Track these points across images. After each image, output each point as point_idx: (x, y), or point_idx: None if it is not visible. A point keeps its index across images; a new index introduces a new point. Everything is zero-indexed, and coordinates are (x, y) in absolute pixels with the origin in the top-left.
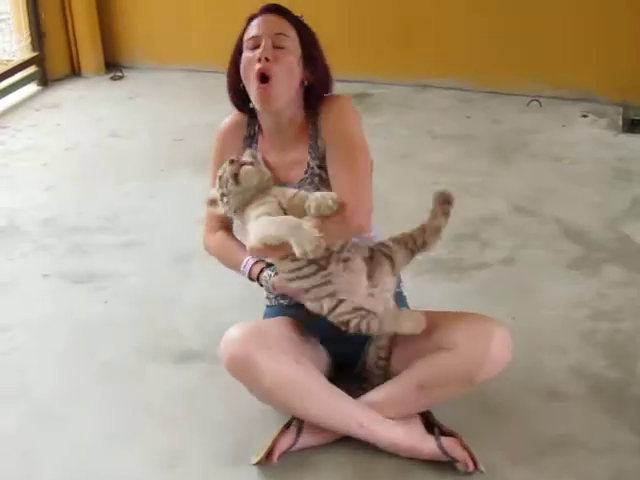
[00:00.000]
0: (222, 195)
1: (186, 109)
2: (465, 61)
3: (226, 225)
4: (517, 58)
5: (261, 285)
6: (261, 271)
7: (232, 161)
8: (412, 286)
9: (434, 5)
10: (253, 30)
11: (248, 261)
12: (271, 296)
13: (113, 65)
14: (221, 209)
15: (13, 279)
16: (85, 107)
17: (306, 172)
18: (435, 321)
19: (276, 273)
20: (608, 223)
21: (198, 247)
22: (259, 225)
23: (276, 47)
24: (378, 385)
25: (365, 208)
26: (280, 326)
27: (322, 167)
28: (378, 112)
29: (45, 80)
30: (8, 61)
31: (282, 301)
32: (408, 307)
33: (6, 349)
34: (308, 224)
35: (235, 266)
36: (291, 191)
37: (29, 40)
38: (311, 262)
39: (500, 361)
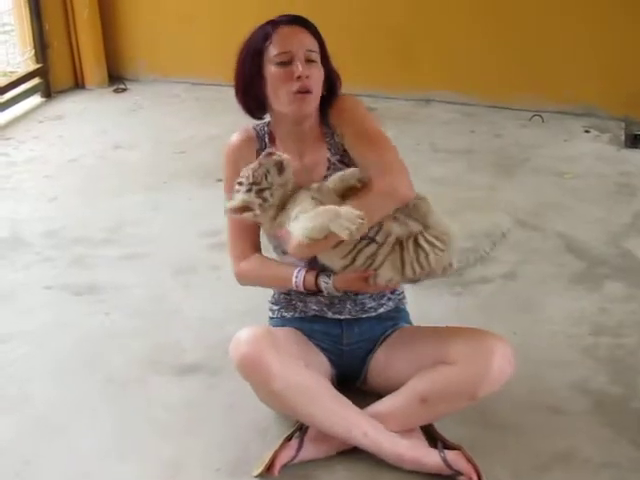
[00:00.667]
0: (261, 191)
1: (189, 122)
2: (468, 76)
3: (256, 248)
4: (520, 73)
5: (320, 291)
6: (316, 277)
7: (270, 154)
8: (414, 300)
9: (437, 20)
10: (284, 45)
11: (299, 272)
12: (274, 308)
13: (116, 78)
14: (257, 210)
15: (15, 290)
16: (88, 119)
17: (328, 169)
18: (437, 335)
19: (335, 273)
20: (610, 238)
21: (200, 259)
22: (299, 222)
23: (307, 61)
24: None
25: (404, 175)
26: (287, 333)
27: (343, 162)
28: (382, 126)
29: (48, 92)
30: (12, 73)
31: (285, 314)
32: (411, 323)
33: (7, 360)
34: (345, 207)
35: (282, 282)
36: (316, 184)
37: (33, 52)
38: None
39: (501, 376)
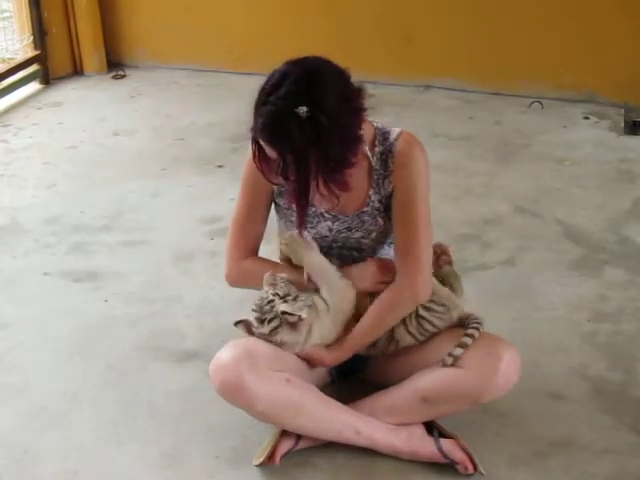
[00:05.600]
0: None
1: (188, 108)
2: (468, 62)
3: (257, 250)
4: (519, 59)
5: None
6: None
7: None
8: None
9: (437, 6)
10: None
11: None
12: None
13: (115, 64)
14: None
15: (15, 277)
16: (87, 106)
17: (367, 205)
18: (445, 335)
19: None
20: (609, 225)
21: (199, 246)
22: None
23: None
24: None
25: (429, 279)
26: None
27: (381, 202)
28: (381, 112)
29: (47, 79)
30: (10, 59)
31: None
32: None
33: (6, 347)
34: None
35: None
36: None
37: (31, 39)
38: None
39: (506, 384)
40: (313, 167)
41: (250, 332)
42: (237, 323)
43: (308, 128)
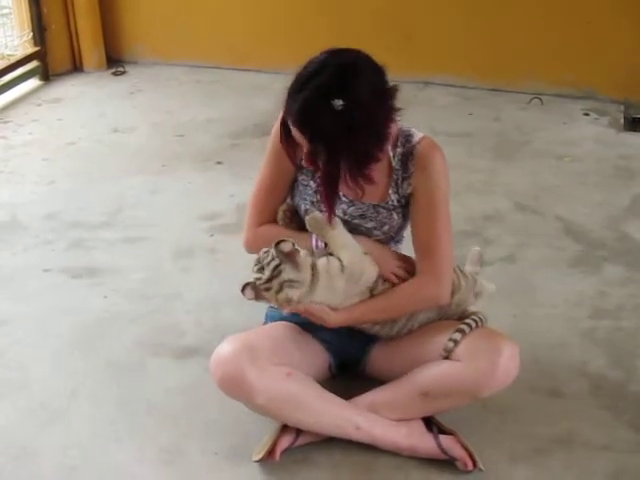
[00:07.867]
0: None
1: (187, 105)
2: (467, 59)
3: (274, 219)
4: (519, 56)
5: None
6: None
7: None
8: None
9: (436, 3)
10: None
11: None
12: None
13: (115, 60)
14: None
15: (14, 274)
16: (86, 102)
17: (386, 202)
18: (444, 329)
19: None
20: (609, 221)
21: (199, 243)
22: None
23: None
24: None
25: (449, 284)
26: (274, 336)
27: (400, 202)
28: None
29: (47, 75)
30: (10, 56)
31: None
32: None
33: (5, 344)
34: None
35: (298, 240)
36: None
37: (31, 35)
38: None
39: (506, 378)
40: (341, 158)
41: (258, 295)
42: (243, 289)
43: (341, 120)
